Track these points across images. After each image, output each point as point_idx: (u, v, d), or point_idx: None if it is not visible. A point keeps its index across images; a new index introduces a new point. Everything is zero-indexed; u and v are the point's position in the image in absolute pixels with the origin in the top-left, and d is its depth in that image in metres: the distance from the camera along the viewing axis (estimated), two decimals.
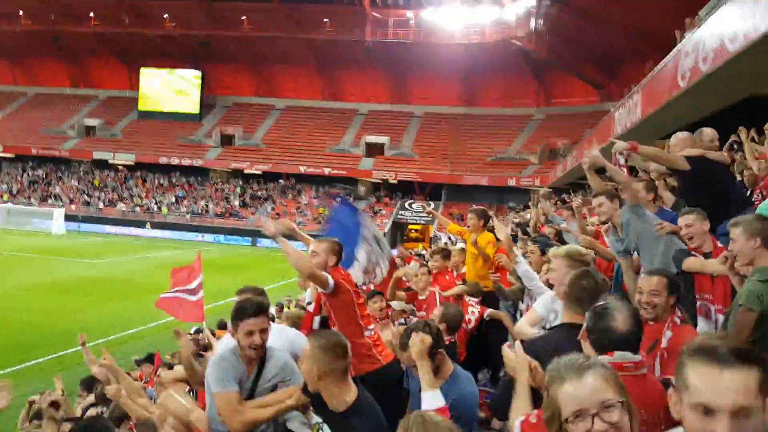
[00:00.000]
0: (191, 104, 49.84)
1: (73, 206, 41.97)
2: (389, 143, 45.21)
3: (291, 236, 4.54)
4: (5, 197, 42.78)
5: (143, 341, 12.19)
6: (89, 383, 6.73)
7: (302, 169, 43.85)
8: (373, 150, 44.91)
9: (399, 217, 40.64)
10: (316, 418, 2.60)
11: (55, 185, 45.90)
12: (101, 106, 52.30)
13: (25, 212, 38.20)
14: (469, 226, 6.58)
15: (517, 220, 14.60)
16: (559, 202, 12.11)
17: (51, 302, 16.48)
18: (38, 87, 53.95)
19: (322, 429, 2.55)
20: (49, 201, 43.07)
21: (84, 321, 14.57)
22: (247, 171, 45.71)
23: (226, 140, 47.60)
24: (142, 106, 50.37)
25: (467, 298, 5.51)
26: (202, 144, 47.34)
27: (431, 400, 2.50)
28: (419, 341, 2.64)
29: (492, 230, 6.72)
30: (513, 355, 2.30)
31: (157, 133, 48.25)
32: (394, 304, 5.52)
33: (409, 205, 41.50)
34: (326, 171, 43.25)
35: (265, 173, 45.52)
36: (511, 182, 38.64)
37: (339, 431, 2.50)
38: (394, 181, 43.09)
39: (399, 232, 40.59)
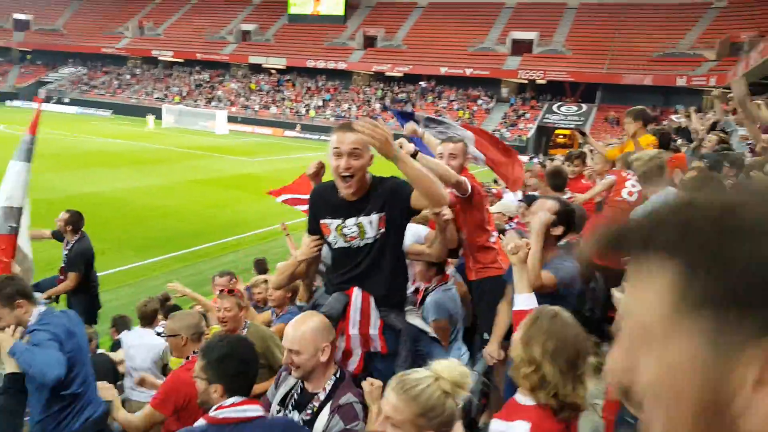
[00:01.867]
0: (337, 5, 49.92)
1: (233, 108, 45.31)
2: (538, 39, 41.89)
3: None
4: (176, 99, 47.38)
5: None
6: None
7: (443, 71, 42.57)
8: (520, 47, 41.98)
9: (545, 120, 38.36)
10: None
11: (217, 88, 49.67)
12: (255, 10, 54.42)
13: (193, 113, 42.05)
14: (625, 131, 5.88)
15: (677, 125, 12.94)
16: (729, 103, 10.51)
17: (215, 195, 18.32)
18: None
19: None
20: (213, 103, 46.87)
21: (242, 213, 16.08)
22: (388, 73, 45.52)
23: (369, 42, 47.40)
24: (292, 9, 51.50)
25: (624, 172, 5.08)
26: (346, 47, 47.69)
27: (527, 301, 2.57)
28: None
29: (655, 133, 5.98)
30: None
31: (305, 36, 49.40)
32: (494, 207, 5.24)
33: (558, 107, 38.81)
34: (468, 72, 41.56)
35: (406, 75, 45.02)
36: (681, 82, 34.19)
37: None
38: (542, 81, 40.29)
39: (545, 138, 38.45)
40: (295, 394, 2.49)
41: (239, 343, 2.49)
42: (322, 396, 2.40)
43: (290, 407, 2.47)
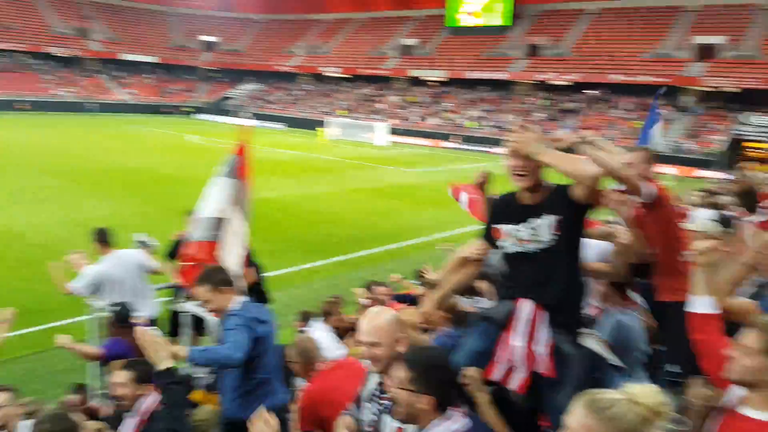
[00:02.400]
0: (500, 16, 49.43)
1: (393, 120, 46.67)
2: (725, 44, 37.50)
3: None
4: (341, 113, 50.07)
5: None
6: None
7: (614, 78, 39.82)
8: (705, 53, 37.89)
9: (736, 133, 34.03)
10: None
11: (379, 101, 51.61)
12: (417, 26, 55.86)
13: (356, 125, 44.11)
14: None
15: None
16: None
17: (375, 204, 18.81)
18: (364, 12, 60.42)
19: None
20: (374, 116, 48.74)
21: (401, 222, 16.27)
22: (553, 82, 43.77)
23: (532, 51, 46.06)
24: (453, 22, 51.91)
25: None
26: (507, 57, 46.83)
27: (706, 304, 2.37)
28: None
29: None
30: None
31: (466, 48, 49.47)
32: (691, 225, 4.43)
33: (752, 118, 34.31)
34: (643, 79, 38.38)
35: (574, 84, 42.89)
36: None
37: None
38: (734, 89, 35.87)
39: (737, 152, 34.08)
40: (377, 392, 2.51)
41: (440, 352, 2.43)
42: None
43: (377, 407, 2.48)
